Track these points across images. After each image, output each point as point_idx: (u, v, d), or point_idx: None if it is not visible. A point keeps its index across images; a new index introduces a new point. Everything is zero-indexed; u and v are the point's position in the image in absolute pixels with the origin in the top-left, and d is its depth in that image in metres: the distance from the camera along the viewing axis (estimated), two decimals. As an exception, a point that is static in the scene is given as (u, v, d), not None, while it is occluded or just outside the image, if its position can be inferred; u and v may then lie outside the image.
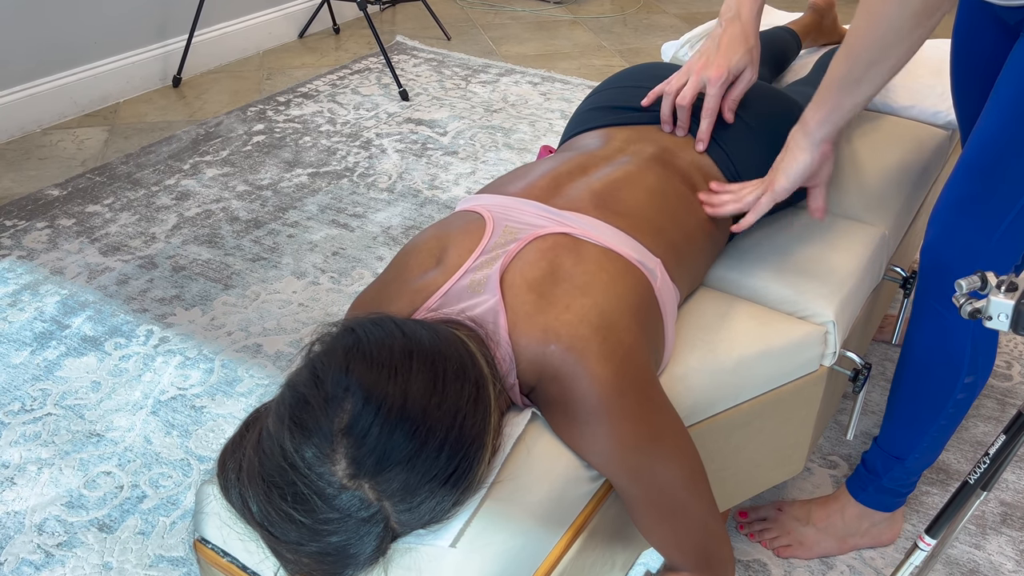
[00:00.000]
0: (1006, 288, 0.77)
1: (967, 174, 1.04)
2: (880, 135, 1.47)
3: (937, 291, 1.09)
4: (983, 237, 1.03)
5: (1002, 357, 1.69)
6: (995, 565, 1.28)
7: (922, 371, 1.15)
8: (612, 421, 0.81)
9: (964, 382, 1.11)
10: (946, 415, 1.14)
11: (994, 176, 1.01)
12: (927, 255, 1.09)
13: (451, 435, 0.72)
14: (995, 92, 1.01)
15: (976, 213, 1.03)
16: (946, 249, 1.06)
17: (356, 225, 2.11)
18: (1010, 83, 1.00)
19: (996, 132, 1.01)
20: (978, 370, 1.11)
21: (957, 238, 1.05)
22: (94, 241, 2.05)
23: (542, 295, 0.85)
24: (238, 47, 3.17)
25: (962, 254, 1.05)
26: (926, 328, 1.12)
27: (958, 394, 1.13)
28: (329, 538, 0.71)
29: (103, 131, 2.62)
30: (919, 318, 1.13)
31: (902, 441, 1.19)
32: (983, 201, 1.02)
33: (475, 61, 3.13)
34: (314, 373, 0.72)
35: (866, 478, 1.25)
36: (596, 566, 0.94)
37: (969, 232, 1.04)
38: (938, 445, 1.19)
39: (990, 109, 1.02)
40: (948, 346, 1.10)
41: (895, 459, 1.20)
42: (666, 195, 1.03)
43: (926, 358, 1.13)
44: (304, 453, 0.69)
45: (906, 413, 1.18)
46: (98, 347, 1.71)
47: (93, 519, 1.35)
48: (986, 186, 1.02)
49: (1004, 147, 1.00)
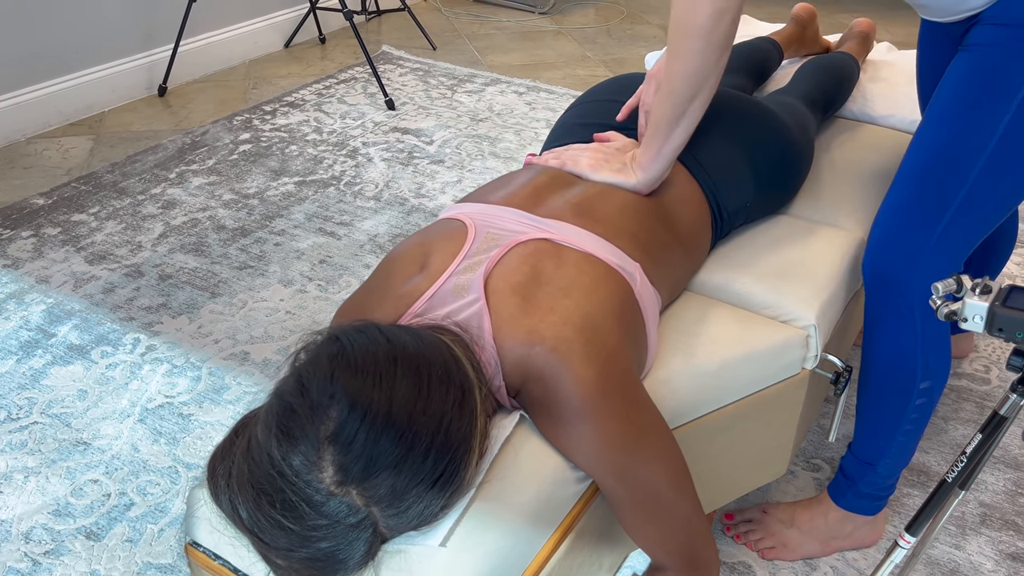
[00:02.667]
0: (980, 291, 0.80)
1: (903, 181, 1.07)
2: (859, 143, 1.50)
3: (882, 300, 1.11)
4: (920, 243, 1.05)
5: (980, 361, 1.72)
6: (975, 565, 1.30)
7: (880, 380, 1.17)
8: (596, 422, 0.82)
9: (920, 388, 1.14)
10: (909, 420, 1.17)
11: (927, 182, 1.04)
12: (869, 265, 1.11)
13: (437, 439, 0.73)
14: (932, 100, 1.05)
15: (912, 219, 1.06)
16: (885, 257, 1.09)
17: (343, 233, 2.12)
18: (944, 91, 1.03)
19: (930, 139, 1.04)
20: (933, 375, 1.13)
21: (895, 246, 1.08)
22: (80, 250, 2.05)
23: (525, 298, 0.86)
24: (224, 56, 3.17)
25: (901, 261, 1.07)
26: (877, 338, 1.15)
27: (916, 400, 1.15)
28: (318, 544, 0.72)
29: (88, 140, 2.62)
30: (870, 328, 1.15)
31: (871, 447, 1.21)
32: (918, 207, 1.05)
33: (461, 71, 3.16)
34: (300, 381, 0.73)
35: (844, 484, 1.27)
36: (584, 567, 0.95)
37: (906, 239, 1.06)
38: (907, 449, 1.21)
39: (926, 117, 1.06)
40: (899, 354, 1.13)
41: (867, 464, 1.22)
42: (640, 206, 1.06)
43: (882, 367, 1.16)
44: (292, 461, 0.70)
45: (872, 421, 1.20)
46: (84, 355, 1.70)
47: (80, 527, 1.35)
48: (920, 192, 1.05)
49: (937, 153, 1.03)
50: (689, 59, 0.97)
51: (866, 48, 1.73)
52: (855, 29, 1.75)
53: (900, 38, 3.44)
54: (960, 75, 1.01)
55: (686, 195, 1.12)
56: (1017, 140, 0.98)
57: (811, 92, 1.46)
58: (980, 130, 0.99)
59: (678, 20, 0.95)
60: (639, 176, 1.07)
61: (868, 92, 1.62)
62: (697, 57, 0.96)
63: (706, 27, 0.93)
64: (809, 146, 1.31)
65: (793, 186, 1.29)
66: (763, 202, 1.24)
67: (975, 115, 0.99)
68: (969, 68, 1.00)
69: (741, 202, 1.18)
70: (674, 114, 1.01)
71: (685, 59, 0.97)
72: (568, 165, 1.10)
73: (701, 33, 0.94)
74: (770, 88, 1.64)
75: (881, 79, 1.68)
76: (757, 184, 1.19)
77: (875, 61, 1.76)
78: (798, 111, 1.35)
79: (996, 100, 0.97)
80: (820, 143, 1.49)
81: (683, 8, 0.95)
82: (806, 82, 1.49)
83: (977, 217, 1.04)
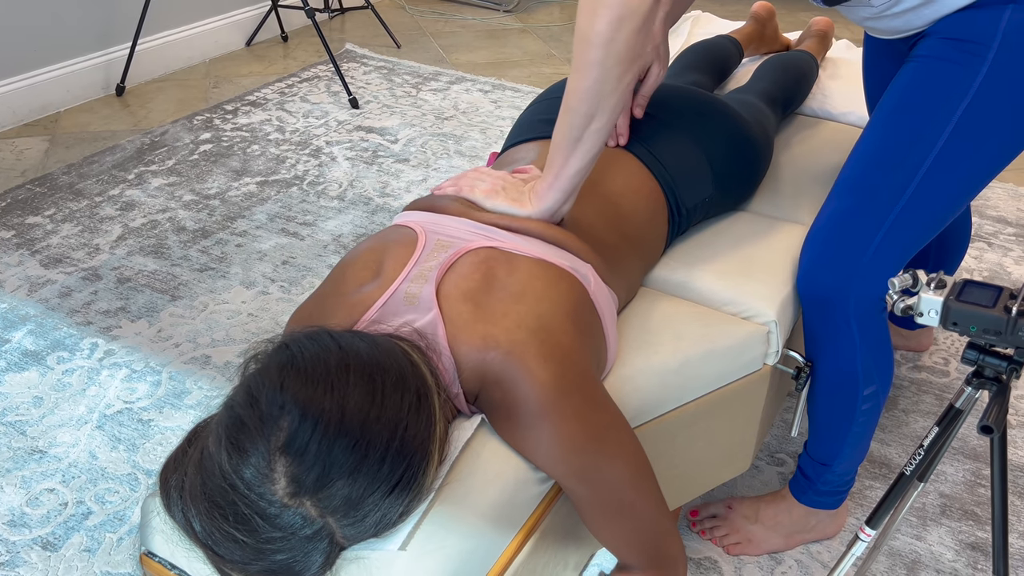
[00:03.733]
0: (935, 285, 0.81)
1: (839, 193, 1.05)
2: (818, 140, 1.51)
3: (819, 316, 1.11)
4: (854, 259, 1.04)
5: (939, 354, 1.74)
6: (935, 555, 1.32)
7: (825, 388, 1.17)
8: (555, 422, 0.82)
9: (864, 394, 1.15)
10: (858, 423, 1.18)
11: (863, 193, 1.02)
12: (803, 282, 1.10)
13: (392, 446, 0.72)
14: (876, 110, 1.05)
15: (846, 234, 1.04)
16: (820, 275, 1.07)
17: (306, 234, 2.10)
18: (888, 101, 1.03)
19: (867, 149, 1.03)
20: (876, 379, 1.14)
21: (829, 263, 1.06)
22: (35, 253, 2.00)
23: (478, 305, 0.86)
24: (184, 55, 3.12)
25: (836, 278, 1.05)
26: (818, 351, 1.15)
27: (862, 405, 1.16)
28: (274, 556, 0.71)
29: (43, 141, 2.56)
30: (810, 341, 1.15)
31: (825, 449, 1.22)
32: (852, 221, 1.03)
33: (425, 69, 3.14)
34: (249, 392, 0.72)
35: (804, 483, 1.28)
36: (549, 567, 0.95)
37: (841, 256, 1.04)
38: (861, 449, 1.22)
39: (865, 131, 1.05)
40: (841, 365, 1.13)
41: (823, 465, 1.24)
42: (588, 209, 1.05)
43: (825, 377, 1.16)
44: (243, 474, 0.69)
45: (822, 425, 1.21)
46: (40, 361, 1.67)
47: (36, 537, 1.32)
48: (856, 203, 1.03)
49: (874, 164, 1.02)
50: (586, 72, 0.88)
51: (825, 46, 1.75)
52: (814, 27, 1.77)
53: (859, 36, 3.49)
54: (904, 85, 1.01)
55: (642, 191, 1.12)
56: (957, 153, 0.98)
57: (771, 90, 1.47)
58: (921, 142, 0.98)
59: (579, 29, 0.88)
60: (534, 205, 0.98)
61: (827, 89, 1.64)
62: (595, 70, 0.87)
63: (604, 35, 0.85)
64: (768, 143, 1.32)
65: (752, 182, 1.30)
66: (722, 198, 1.24)
67: (917, 126, 0.99)
68: (913, 79, 1.00)
69: (700, 198, 1.19)
70: (571, 136, 0.93)
71: (582, 72, 0.88)
72: (464, 192, 1.02)
73: (599, 42, 0.86)
74: (731, 86, 1.65)
75: (840, 76, 1.69)
76: (716, 180, 1.20)
77: (834, 59, 1.77)
78: (757, 108, 1.36)
79: (938, 112, 0.97)
80: (780, 140, 1.51)
81: (583, 16, 0.87)
82: (766, 80, 1.50)
83: (913, 230, 1.03)
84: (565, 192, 0.97)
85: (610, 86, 0.89)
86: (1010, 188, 2.35)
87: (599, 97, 0.89)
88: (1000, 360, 0.81)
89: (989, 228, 2.16)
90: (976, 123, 0.96)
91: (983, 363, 0.82)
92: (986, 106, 0.96)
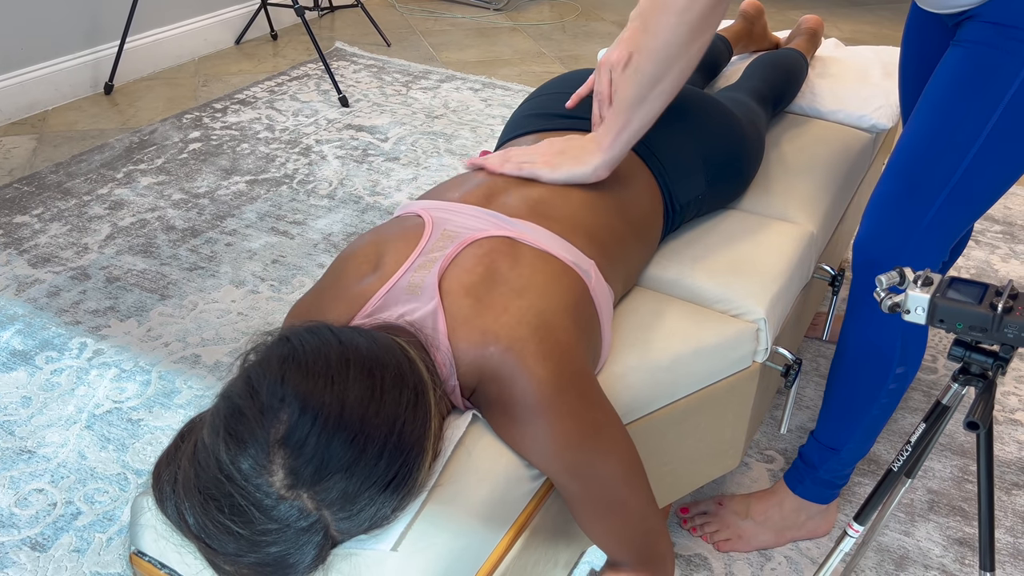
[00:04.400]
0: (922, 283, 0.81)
1: (893, 174, 1.09)
2: (808, 138, 1.52)
3: (867, 286, 1.13)
4: (906, 234, 1.07)
5: (928, 351, 1.76)
6: (923, 551, 1.33)
7: (856, 363, 1.19)
8: (551, 419, 0.82)
9: (896, 373, 1.16)
10: (879, 405, 1.19)
11: (915, 175, 1.06)
12: (858, 252, 1.13)
13: (390, 442, 0.72)
14: (924, 94, 1.07)
15: (900, 211, 1.07)
16: (874, 246, 1.11)
17: (296, 232, 2.09)
18: (936, 85, 1.05)
19: (919, 133, 1.06)
20: (908, 361, 1.16)
21: (883, 235, 1.09)
22: (22, 253, 1.99)
23: (479, 299, 0.86)
24: (173, 53, 3.11)
25: (888, 251, 1.09)
26: (859, 322, 1.16)
27: (890, 384, 1.17)
28: (268, 549, 0.71)
29: (31, 140, 2.55)
30: (853, 312, 1.17)
31: (837, 432, 1.23)
32: (906, 199, 1.07)
33: (416, 67, 3.13)
34: (249, 383, 0.72)
35: (803, 471, 1.29)
36: (539, 564, 0.95)
37: (894, 230, 1.08)
38: (871, 435, 1.23)
39: (917, 111, 1.07)
40: (880, 339, 1.15)
41: (831, 450, 1.24)
42: (596, 200, 1.05)
43: (859, 350, 1.18)
44: (240, 465, 0.69)
45: (841, 404, 1.22)
46: (28, 361, 1.66)
47: (25, 538, 1.31)
48: (909, 185, 1.06)
49: (926, 147, 1.04)
50: (658, 34, 0.91)
51: (814, 44, 1.76)
52: (803, 26, 1.77)
53: (847, 35, 3.51)
54: (952, 70, 1.03)
55: (642, 185, 1.12)
56: (1005, 136, 1.00)
57: (760, 88, 1.47)
58: (970, 124, 1.01)
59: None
60: (597, 158, 1.03)
61: (816, 88, 1.65)
62: (665, 33, 0.91)
63: (681, 3, 0.88)
64: (760, 141, 1.33)
65: (743, 180, 1.30)
66: (714, 195, 1.25)
67: (966, 110, 1.01)
68: (961, 64, 1.02)
69: (693, 195, 1.19)
70: (637, 95, 0.97)
71: (654, 34, 0.92)
72: (525, 170, 1.05)
73: (675, 9, 0.89)
74: (720, 84, 1.65)
75: (829, 75, 1.70)
76: (708, 177, 1.20)
77: (823, 57, 1.78)
78: (748, 106, 1.36)
79: (986, 97, 0.99)
80: (770, 138, 1.51)
81: None
82: (755, 78, 1.51)
83: (964, 207, 1.06)
84: (625, 147, 1.02)
85: (679, 50, 0.92)
86: (997, 186, 2.36)
87: (667, 60, 0.93)
88: (986, 357, 0.82)
89: (976, 226, 2.17)
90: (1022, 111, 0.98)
91: (969, 360, 0.83)
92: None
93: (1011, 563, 1.31)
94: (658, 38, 0.92)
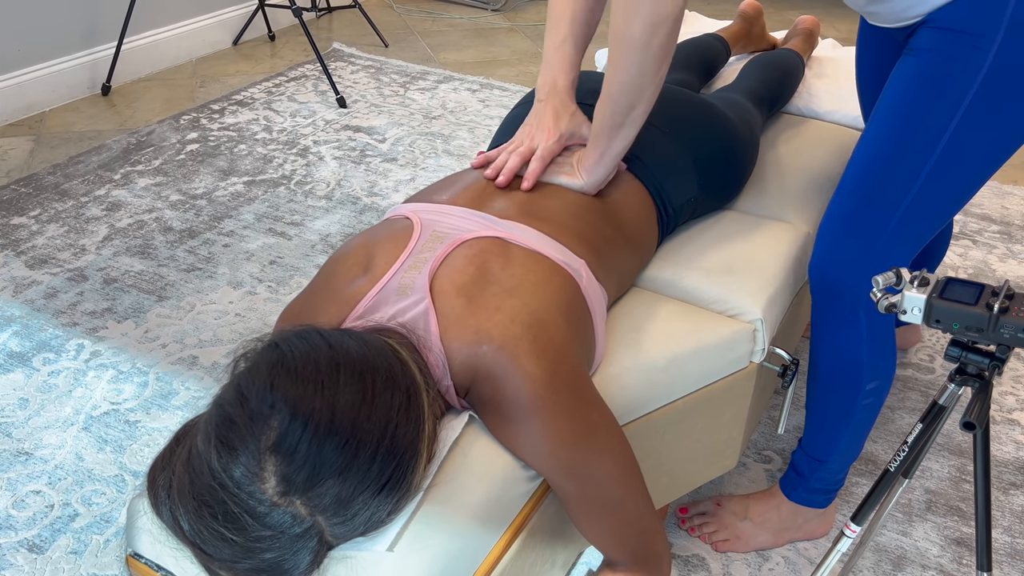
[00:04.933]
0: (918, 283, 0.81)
1: (847, 190, 1.07)
2: (804, 139, 1.52)
3: (828, 307, 1.12)
4: (864, 252, 1.06)
5: (925, 351, 1.76)
6: (921, 551, 1.33)
7: (827, 382, 1.18)
8: (545, 418, 0.82)
9: (867, 388, 1.16)
10: (857, 420, 1.19)
11: (873, 187, 1.04)
12: (814, 273, 1.12)
13: (383, 445, 0.72)
14: (878, 105, 1.05)
15: (857, 226, 1.06)
16: (831, 266, 1.09)
17: (294, 233, 2.09)
18: (890, 95, 1.03)
19: (875, 144, 1.04)
20: (880, 375, 1.15)
21: (840, 254, 1.08)
22: (20, 254, 1.99)
23: (471, 299, 0.86)
24: (170, 54, 3.11)
25: (846, 269, 1.08)
26: (823, 342, 1.16)
27: (863, 400, 1.17)
28: (263, 555, 0.71)
29: (28, 141, 2.54)
30: (817, 332, 1.16)
31: (821, 445, 1.23)
32: (862, 216, 1.05)
33: (413, 68, 3.13)
34: (239, 391, 0.72)
35: (796, 479, 1.28)
36: (536, 565, 0.95)
37: (852, 246, 1.07)
38: (856, 445, 1.23)
39: (872, 121, 1.05)
40: (845, 358, 1.14)
41: (817, 461, 1.24)
42: (584, 203, 1.06)
43: (828, 370, 1.17)
44: (232, 472, 0.69)
45: (820, 420, 1.22)
46: (25, 363, 1.66)
47: (22, 540, 1.31)
48: (864, 201, 1.05)
49: (882, 160, 1.03)
50: (626, 70, 0.96)
51: (811, 45, 1.76)
52: (800, 26, 1.77)
53: (844, 35, 3.51)
54: (906, 80, 1.01)
55: (630, 192, 1.12)
56: (963, 145, 0.98)
57: (757, 88, 1.48)
58: (927, 136, 0.99)
59: (615, 31, 0.94)
60: (584, 179, 1.08)
61: (813, 88, 1.65)
62: (634, 68, 0.95)
63: (641, 39, 0.92)
64: (754, 141, 1.33)
65: (738, 181, 1.30)
66: (709, 197, 1.25)
67: (921, 121, 0.99)
68: (915, 73, 1.00)
69: (686, 197, 1.19)
70: (614, 121, 1.01)
71: (622, 69, 0.96)
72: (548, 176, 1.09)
73: (636, 45, 0.93)
74: (717, 84, 1.65)
75: (826, 75, 1.70)
76: (701, 180, 1.20)
77: (820, 57, 1.78)
78: (743, 107, 1.36)
79: (942, 106, 0.97)
80: (766, 139, 1.51)
81: (619, 19, 0.93)
82: (752, 78, 1.51)
83: (923, 222, 1.04)
84: (609, 168, 1.07)
85: (648, 79, 0.96)
86: (995, 186, 2.36)
87: (638, 90, 0.98)
88: (982, 357, 0.82)
89: (974, 226, 2.17)
90: (980, 116, 0.97)
91: (966, 360, 0.83)
92: (990, 99, 0.96)
93: (1008, 563, 1.31)
94: (627, 72, 0.96)
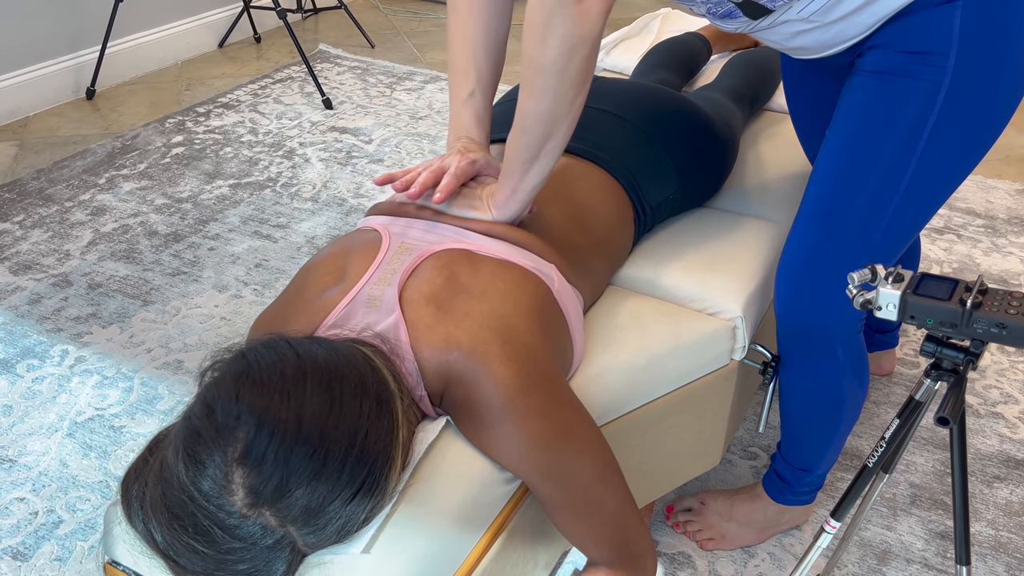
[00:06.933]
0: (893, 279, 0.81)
1: (808, 223, 1.01)
2: (785, 136, 1.52)
3: (801, 348, 1.08)
4: (834, 287, 1.00)
5: (909, 346, 1.76)
6: (906, 545, 1.33)
7: (806, 412, 1.16)
8: (518, 421, 0.82)
9: (848, 406, 1.15)
10: (840, 433, 1.18)
11: (837, 223, 0.98)
12: (782, 316, 1.07)
13: (352, 453, 0.72)
14: (832, 133, 0.99)
15: (824, 262, 1.00)
16: (798, 306, 1.04)
17: (280, 236, 2.09)
18: (847, 122, 0.97)
19: (833, 177, 0.98)
20: (859, 387, 1.14)
21: (808, 292, 1.03)
22: (3, 260, 1.98)
23: (440, 307, 0.86)
24: (155, 57, 3.10)
25: (817, 307, 1.02)
26: (797, 375, 1.12)
27: (845, 416, 1.16)
28: (235, 566, 0.71)
29: (12, 146, 2.53)
30: (788, 367, 1.12)
31: (806, 456, 1.22)
32: (830, 249, 1.00)
33: (400, 68, 3.13)
34: (205, 403, 0.72)
35: (781, 485, 1.27)
36: (518, 566, 0.95)
37: (820, 284, 1.01)
38: (839, 448, 1.22)
39: (824, 156, 1.00)
40: (824, 387, 1.12)
41: (802, 471, 1.24)
42: (551, 210, 1.05)
43: (805, 402, 1.15)
44: (201, 485, 0.69)
45: (803, 437, 1.20)
46: (9, 369, 1.65)
47: (6, 548, 1.30)
48: (831, 234, 0.99)
49: (844, 190, 0.97)
50: (541, 98, 0.88)
51: (792, 41, 1.76)
52: (781, 23, 1.77)
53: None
54: (860, 105, 0.95)
55: (604, 193, 1.12)
56: (934, 163, 0.94)
57: (738, 86, 1.48)
58: (894, 160, 0.94)
59: (528, 56, 0.86)
60: (495, 214, 0.99)
61: (795, 85, 1.65)
62: (549, 96, 0.87)
63: (557, 64, 0.84)
64: (733, 140, 1.33)
65: (718, 179, 1.30)
66: (687, 196, 1.25)
67: (885, 144, 0.94)
68: (870, 97, 0.94)
69: (663, 196, 1.19)
70: (528, 155, 0.93)
71: (537, 97, 0.88)
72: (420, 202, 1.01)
73: (553, 71, 0.85)
74: (699, 83, 1.65)
75: (807, 72, 1.70)
76: (680, 178, 1.20)
77: (802, 54, 1.78)
78: (722, 105, 1.36)
79: (907, 128, 0.93)
80: (747, 136, 1.51)
81: (533, 43, 0.85)
82: (733, 77, 1.51)
83: (898, 240, 1.00)
84: (523, 203, 0.98)
85: (565, 109, 0.89)
86: (979, 180, 2.37)
87: (554, 119, 0.89)
88: (957, 352, 0.82)
89: (958, 220, 2.18)
90: (947, 134, 0.93)
91: (941, 355, 0.83)
92: (954, 115, 0.92)
93: (992, 555, 1.32)
94: (542, 101, 0.88)
